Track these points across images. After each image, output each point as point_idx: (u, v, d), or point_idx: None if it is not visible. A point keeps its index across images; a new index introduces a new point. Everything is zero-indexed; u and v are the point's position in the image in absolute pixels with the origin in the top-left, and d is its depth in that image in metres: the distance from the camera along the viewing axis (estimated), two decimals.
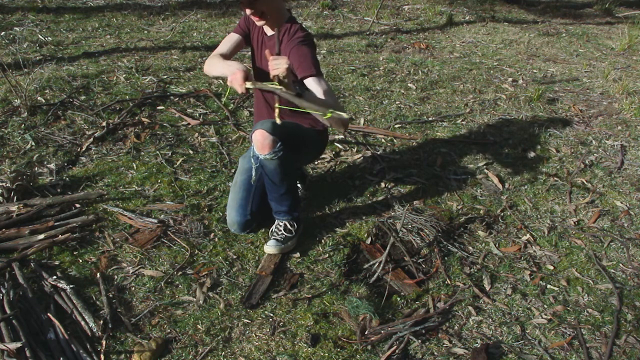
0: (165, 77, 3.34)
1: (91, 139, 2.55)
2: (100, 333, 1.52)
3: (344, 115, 1.41)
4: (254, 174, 1.84)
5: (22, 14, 4.33)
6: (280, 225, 1.92)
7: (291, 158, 1.79)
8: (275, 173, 1.77)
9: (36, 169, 2.30)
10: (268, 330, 1.61)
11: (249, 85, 1.58)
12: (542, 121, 3.18)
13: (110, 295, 1.68)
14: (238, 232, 1.99)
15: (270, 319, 1.65)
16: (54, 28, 4.12)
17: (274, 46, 1.78)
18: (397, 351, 1.55)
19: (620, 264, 2.01)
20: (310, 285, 1.80)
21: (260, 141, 1.69)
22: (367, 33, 4.67)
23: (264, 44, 1.87)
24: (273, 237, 1.91)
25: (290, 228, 1.92)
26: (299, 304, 1.71)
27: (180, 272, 1.80)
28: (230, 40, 1.92)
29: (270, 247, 1.88)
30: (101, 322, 1.55)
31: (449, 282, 1.86)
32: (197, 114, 2.91)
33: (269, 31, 1.84)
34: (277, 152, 1.71)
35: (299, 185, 2.23)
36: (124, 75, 3.29)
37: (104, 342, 1.50)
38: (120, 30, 4.23)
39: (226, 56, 1.86)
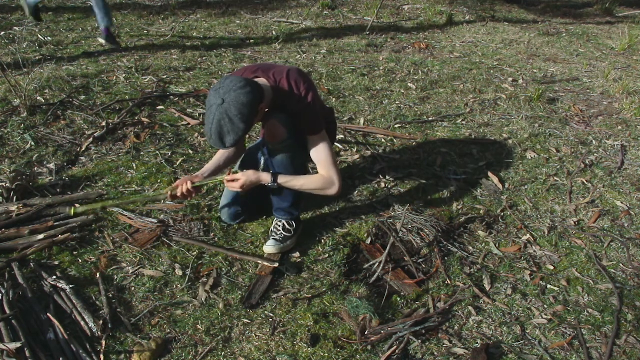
0: (165, 77, 3.34)
1: (91, 139, 2.55)
2: (100, 333, 1.52)
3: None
4: (262, 164, 1.89)
5: (22, 13, 4.32)
6: (279, 225, 1.92)
7: (299, 151, 1.79)
8: (282, 165, 1.78)
9: (36, 169, 2.30)
10: (268, 330, 1.61)
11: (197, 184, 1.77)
12: (542, 121, 3.17)
13: (110, 295, 1.68)
14: (228, 221, 2.03)
15: (270, 319, 1.65)
16: (54, 28, 4.11)
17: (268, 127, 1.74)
18: (397, 351, 1.55)
19: (621, 264, 2.01)
20: (310, 285, 1.79)
21: (272, 130, 1.70)
22: (367, 33, 4.66)
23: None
24: (272, 236, 1.91)
25: (289, 227, 1.92)
26: (299, 304, 1.71)
27: (180, 272, 1.80)
28: None
29: (269, 247, 1.88)
30: (101, 322, 1.55)
31: (449, 282, 1.86)
32: (197, 114, 2.91)
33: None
34: (284, 141, 1.72)
35: None
36: (124, 75, 3.28)
37: (103, 342, 1.50)
38: (120, 30, 4.22)
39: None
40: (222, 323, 1.62)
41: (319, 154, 1.76)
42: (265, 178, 1.74)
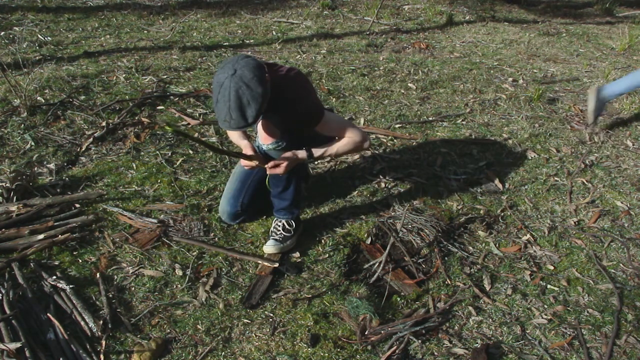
0: (165, 76, 3.34)
1: (91, 139, 2.54)
2: (100, 333, 1.52)
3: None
4: None
5: (22, 13, 4.32)
6: (279, 225, 1.92)
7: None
8: None
9: (36, 169, 2.30)
10: (268, 330, 1.61)
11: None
12: (543, 121, 3.17)
13: (110, 296, 1.68)
14: (227, 221, 2.03)
15: (270, 319, 1.65)
16: (54, 28, 4.11)
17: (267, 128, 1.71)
18: (397, 351, 1.55)
19: (621, 264, 2.01)
20: (311, 286, 1.79)
21: (265, 130, 1.70)
22: (367, 33, 4.66)
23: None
24: (272, 236, 1.91)
25: (289, 227, 1.92)
26: (299, 304, 1.71)
27: (180, 272, 1.80)
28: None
29: (269, 247, 1.88)
30: (101, 322, 1.55)
31: (449, 282, 1.86)
32: (197, 114, 2.91)
33: None
34: (279, 143, 1.71)
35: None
36: (124, 75, 3.28)
37: (103, 342, 1.50)
38: (120, 30, 4.22)
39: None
40: (222, 323, 1.62)
41: (333, 128, 1.76)
42: (302, 155, 1.74)
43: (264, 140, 1.71)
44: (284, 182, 1.83)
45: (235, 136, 1.89)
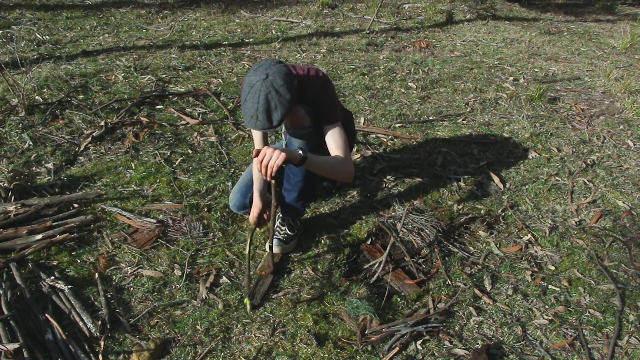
0: (164, 76, 3.33)
1: (90, 139, 2.53)
2: (98, 334, 1.51)
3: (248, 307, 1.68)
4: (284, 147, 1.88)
5: (20, 12, 4.31)
6: (284, 225, 1.91)
7: (316, 140, 1.76)
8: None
9: (34, 168, 2.29)
10: (268, 331, 1.60)
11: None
12: (544, 121, 3.16)
13: (109, 296, 1.67)
14: (234, 211, 2.04)
15: (270, 320, 1.64)
16: (52, 27, 4.10)
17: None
18: (397, 352, 1.54)
19: (623, 265, 2.00)
20: (311, 286, 1.78)
21: (296, 117, 1.70)
22: (368, 32, 4.65)
23: None
24: (276, 236, 1.90)
25: (294, 226, 1.92)
26: (299, 304, 1.70)
27: (179, 273, 1.79)
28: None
29: (274, 247, 1.87)
30: (100, 322, 1.54)
31: (449, 282, 1.85)
32: (197, 114, 2.90)
33: None
34: (306, 128, 1.71)
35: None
36: (123, 75, 3.27)
37: (102, 343, 1.49)
38: (119, 29, 4.21)
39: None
40: (222, 323, 1.61)
41: (337, 140, 1.74)
42: (298, 155, 1.63)
43: (293, 125, 1.72)
44: (300, 173, 1.82)
45: (257, 142, 1.93)
